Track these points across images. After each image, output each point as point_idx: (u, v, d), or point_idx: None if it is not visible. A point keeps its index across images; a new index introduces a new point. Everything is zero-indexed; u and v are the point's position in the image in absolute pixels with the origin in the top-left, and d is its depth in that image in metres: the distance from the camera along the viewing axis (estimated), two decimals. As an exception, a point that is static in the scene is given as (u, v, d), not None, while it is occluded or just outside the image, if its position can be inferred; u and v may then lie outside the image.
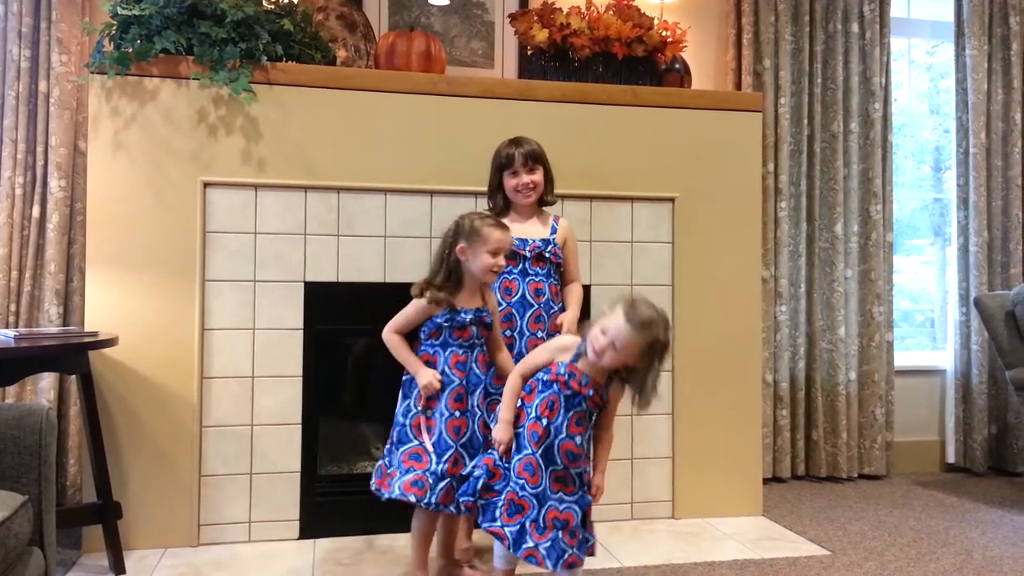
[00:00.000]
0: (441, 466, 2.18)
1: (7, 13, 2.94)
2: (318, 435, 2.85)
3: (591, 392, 2.07)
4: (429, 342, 2.28)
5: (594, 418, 2.12)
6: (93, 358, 2.56)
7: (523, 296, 2.49)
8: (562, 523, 2.03)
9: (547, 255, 2.54)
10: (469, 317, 2.24)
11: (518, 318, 2.50)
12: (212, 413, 2.74)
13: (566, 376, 2.07)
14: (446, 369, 2.24)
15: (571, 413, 2.06)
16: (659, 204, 3.10)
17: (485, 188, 2.73)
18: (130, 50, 2.65)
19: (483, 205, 2.87)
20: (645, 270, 3.08)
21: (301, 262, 2.82)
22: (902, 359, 3.98)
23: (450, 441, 2.21)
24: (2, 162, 2.94)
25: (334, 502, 2.85)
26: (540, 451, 2.05)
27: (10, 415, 1.81)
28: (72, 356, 2.41)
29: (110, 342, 2.47)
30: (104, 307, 2.66)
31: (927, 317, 4.36)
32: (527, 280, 2.51)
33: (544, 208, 2.65)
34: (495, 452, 2.11)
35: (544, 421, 2.06)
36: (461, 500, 2.11)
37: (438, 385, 2.22)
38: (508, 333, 2.48)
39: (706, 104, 3.14)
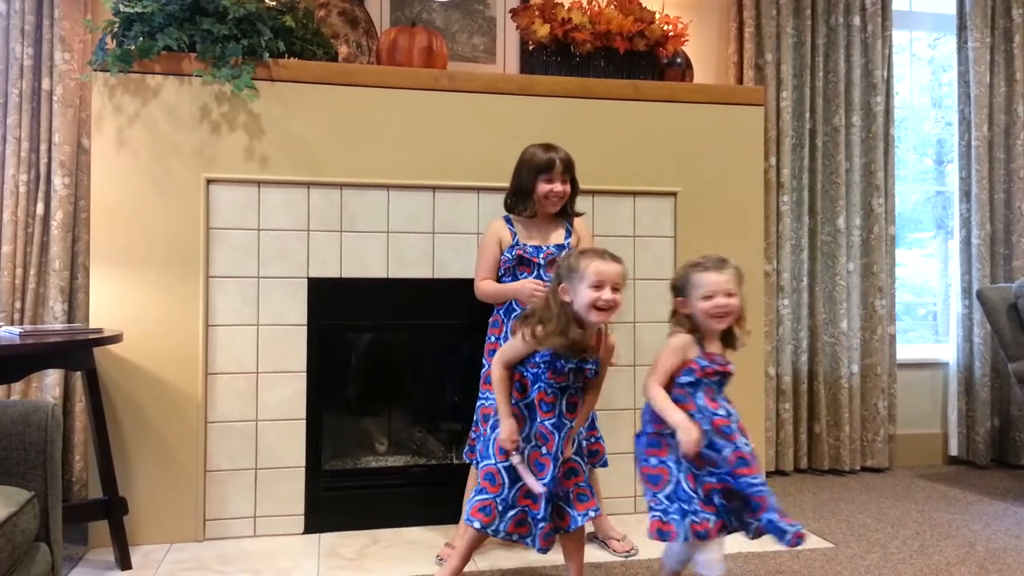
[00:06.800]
0: (512, 493, 2.14)
1: (9, 11, 2.95)
2: (322, 430, 2.86)
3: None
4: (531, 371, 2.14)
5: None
6: (98, 355, 2.57)
7: None
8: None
9: None
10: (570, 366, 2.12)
11: None
12: (217, 409, 2.75)
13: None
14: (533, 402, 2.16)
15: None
16: (661, 199, 3.10)
17: (487, 184, 2.72)
18: (133, 47, 2.66)
19: (485, 200, 2.89)
20: (647, 265, 3.08)
21: (304, 258, 2.83)
22: (904, 352, 3.98)
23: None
24: (6, 160, 2.95)
25: (339, 497, 2.86)
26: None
27: (16, 411, 1.82)
28: (77, 353, 2.42)
29: (115, 339, 2.49)
30: (108, 304, 2.67)
31: (929, 310, 4.36)
32: None
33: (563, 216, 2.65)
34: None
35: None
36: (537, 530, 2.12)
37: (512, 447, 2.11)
38: None
39: (708, 98, 3.14)
